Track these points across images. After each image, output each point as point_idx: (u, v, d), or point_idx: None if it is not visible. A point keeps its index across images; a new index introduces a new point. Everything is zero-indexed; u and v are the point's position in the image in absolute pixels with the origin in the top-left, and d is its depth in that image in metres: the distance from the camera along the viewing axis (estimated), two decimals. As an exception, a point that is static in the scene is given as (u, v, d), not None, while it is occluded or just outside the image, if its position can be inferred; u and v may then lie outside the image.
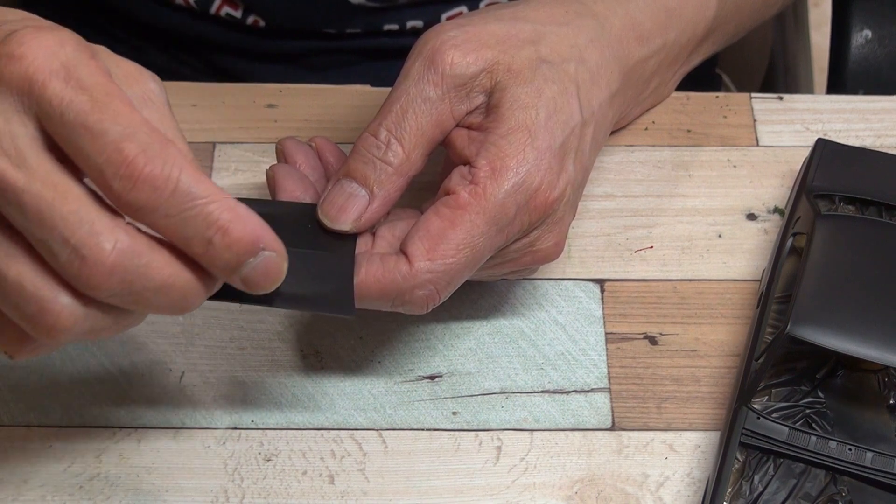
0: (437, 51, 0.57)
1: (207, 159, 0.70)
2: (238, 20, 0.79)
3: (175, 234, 0.47)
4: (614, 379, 0.63)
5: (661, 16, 0.66)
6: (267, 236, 0.48)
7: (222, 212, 0.47)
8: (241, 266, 0.48)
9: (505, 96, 0.57)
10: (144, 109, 0.50)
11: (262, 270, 0.49)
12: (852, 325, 0.58)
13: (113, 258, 0.46)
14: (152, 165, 0.46)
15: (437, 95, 0.57)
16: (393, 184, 0.57)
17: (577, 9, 0.62)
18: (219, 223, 0.47)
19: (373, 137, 0.57)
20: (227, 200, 0.47)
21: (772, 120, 0.73)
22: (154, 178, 0.46)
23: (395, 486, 0.59)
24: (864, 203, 0.64)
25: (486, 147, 0.56)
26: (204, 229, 0.47)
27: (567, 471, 0.60)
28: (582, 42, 0.61)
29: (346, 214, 0.56)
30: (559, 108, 0.58)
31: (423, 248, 0.55)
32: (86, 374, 0.62)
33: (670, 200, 0.69)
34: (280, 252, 0.49)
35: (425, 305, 0.56)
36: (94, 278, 0.46)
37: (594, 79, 0.60)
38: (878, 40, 0.83)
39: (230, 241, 0.47)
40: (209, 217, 0.47)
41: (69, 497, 0.58)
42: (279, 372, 0.63)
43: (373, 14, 0.78)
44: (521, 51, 0.58)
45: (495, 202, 0.55)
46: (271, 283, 0.50)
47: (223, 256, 0.48)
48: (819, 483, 0.57)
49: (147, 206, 0.46)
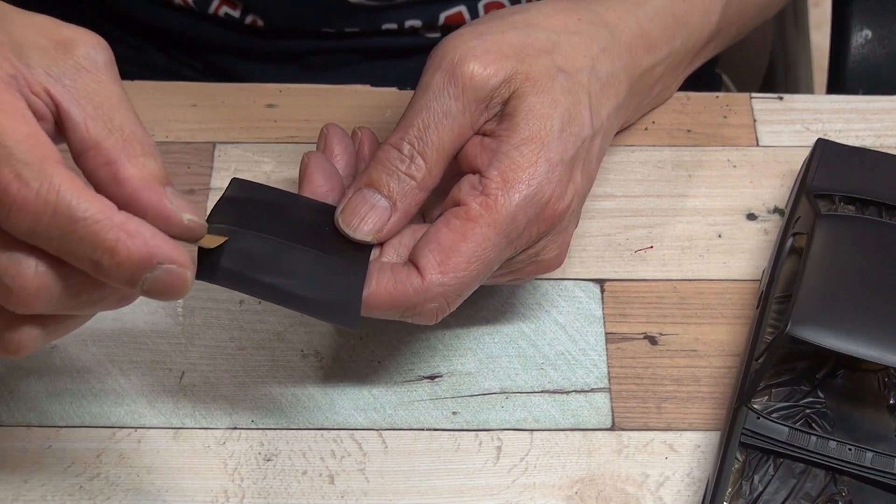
0: (457, 64, 0.56)
1: (207, 159, 0.70)
2: (237, 20, 0.79)
3: (64, 254, 0.46)
4: (614, 379, 0.63)
5: (669, 24, 0.66)
6: (162, 249, 0.47)
7: (107, 232, 0.46)
8: (138, 281, 0.47)
9: (521, 105, 0.57)
10: (77, 80, 0.49)
11: (164, 283, 0.48)
12: (852, 325, 0.58)
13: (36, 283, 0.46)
14: (27, 189, 0.45)
15: (458, 109, 0.56)
16: (415, 197, 0.56)
17: (589, 17, 0.62)
18: (105, 244, 0.46)
19: (395, 150, 0.56)
20: (113, 218, 0.46)
21: (772, 120, 0.73)
22: (29, 203, 0.45)
23: (395, 486, 0.59)
24: (864, 203, 0.64)
25: (499, 157, 0.56)
26: (90, 251, 0.46)
27: (567, 471, 0.60)
28: (594, 52, 0.60)
29: (368, 225, 0.56)
30: (573, 120, 0.57)
31: (434, 260, 0.55)
32: (86, 374, 0.62)
33: (670, 200, 0.69)
34: (181, 262, 0.48)
35: (434, 317, 0.56)
36: (22, 303, 0.46)
37: (604, 89, 0.60)
38: (878, 40, 0.83)
39: (119, 261, 0.46)
40: (94, 239, 0.46)
41: (69, 497, 0.58)
42: (279, 372, 0.63)
43: (371, 13, 0.78)
44: (538, 60, 0.58)
45: (506, 215, 0.55)
46: (176, 294, 0.48)
47: (115, 274, 0.47)
48: (819, 483, 0.57)
49: (29, 231, 0.45)
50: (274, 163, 0.70)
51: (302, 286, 0.54)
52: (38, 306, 0.47)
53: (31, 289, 0.46)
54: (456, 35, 0.58)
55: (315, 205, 0.58)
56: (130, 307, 0.63)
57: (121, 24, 0.84)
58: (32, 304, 0.47)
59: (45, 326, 0.49)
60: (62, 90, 0.49)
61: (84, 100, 0.49)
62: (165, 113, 0.72)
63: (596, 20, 0.62)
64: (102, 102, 0.49)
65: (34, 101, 0.49)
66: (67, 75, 0.49)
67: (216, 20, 0.80)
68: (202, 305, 0.64)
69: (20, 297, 0.46)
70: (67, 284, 0.47)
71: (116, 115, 0.49)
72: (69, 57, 0.49)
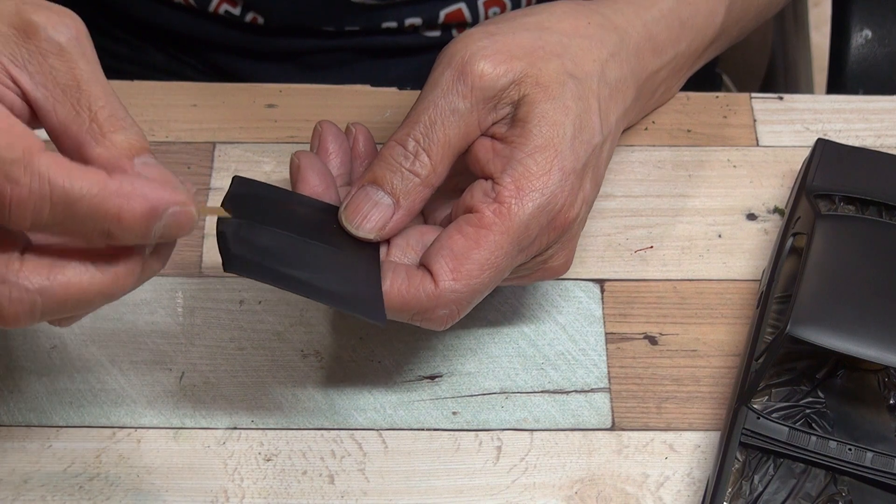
0: (466, 62, 0.56)
1: (207, 159, 0.70)
2: (237, 18, 0.79)
3: (74, 235, 0.47)
4: (614, 379, 0.63)
5: (675, 27, 0.66)
6: (163, 198, 0.47)
7: (107, 202, 0.46)
8: (150, 234, 0.47)
9: (533, 111, 0.56)
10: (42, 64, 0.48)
11: (173, 226, 0.48)
12: (852, 325, 0.58)
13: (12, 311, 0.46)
14: (17, 188, 0.44)
15: (465, 107, 0.56)
16: (419, 195, 0.56)
17: (599, 21, 0.62)
18: (109, 214, 0.46)
19: (400, 147, 0.56)
20: (108, 186, 0.46)
21: (772, 120, 0.73)
22: (23, 201, 0.45)
23: (395, 486, 0.59)
24: (864, 203, 0.64)
25: (512, 164, 0.56)
26: (97, 224, 0.46)
27: (567, 471, 0.60)
28: (604, 56, 0.60)
29: (371, 222, 0.56)
30: (584, 127, 0.57)
31: (447, 267, 0.55)
32: (86, 373, 0.62)
33: (670, 200, 0.69)
34: (181, 201, 0.47)
35: (443, 324, 0.56)
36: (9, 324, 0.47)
37: (613, 94, 0.60)
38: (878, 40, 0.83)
39: (128, 225, 0.46)
40: (97, 212, 0.46)
41: (69, 497, 0.58)
42: (279, 372, 0.63)
43: (371, 11, 0.78)
44: (548, 64, 0.58)
45: (520, 223, 0.55)
46: (185, 230, 0.48)
47: (128, 238, 0.47)
48: (819, 483, 0.57)
49: (33, 224, 0.45)
50: (274, 163, 0.70)
51: (327, 280, 0.54)
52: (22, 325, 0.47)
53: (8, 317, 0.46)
54: (467, 34, 0.58)
55: (317, 203, 0.58)
56: (131, 307, 0.64)
57: (121, 23, 0.84)
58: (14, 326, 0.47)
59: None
60: (27, 77, 0.48)
61: (51, 84, 0.48)
62: (165, 113, 0.72)
63: (606, 24, 0.62)
64: (68, 84, 0.48)
65: (3, 92, 0.49)
66: (31, 61, 0.48)
67: (216, 18, 0.80)
68: (202, 305, 0.64)
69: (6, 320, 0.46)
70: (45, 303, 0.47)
71: (83, 95, 0.48)
72: (31, 42, 0.49)
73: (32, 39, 0.49)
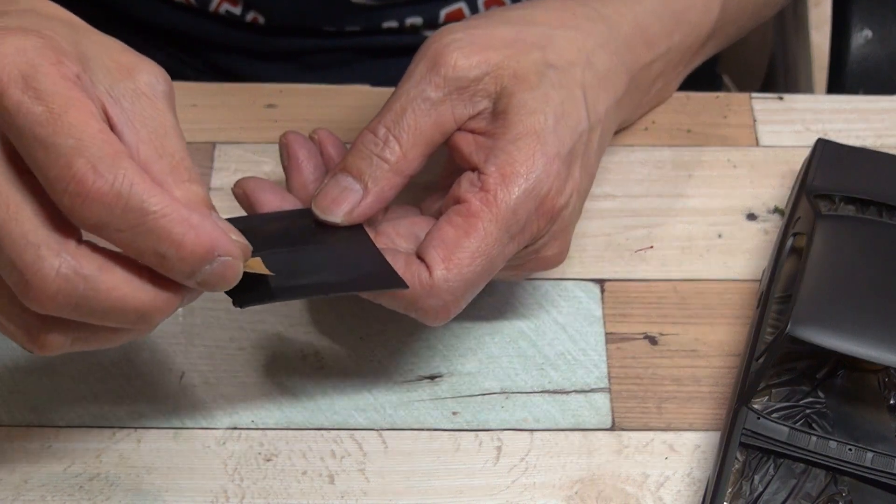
0: (440, 53, 0.57)
1: (207, 159, 0.70)
2: (237, 17, 0.79)
3: (129, 247, 0.47)
4: (614, 379, 0.63)
5: (668, 20, 0.66)
6: (222, 242, 0.48)
7: (175, 225, 0.47)
8: (197, 273, 0.48)
9: (512, 102, 0.57)
10: (136, 104, 0.49)
11: (218, 274, 0.49)
12: (852, 325, 0.58)
13: (55, 285, 0.46)
14: (101, 181, 0.45)
15: (437, 96, 0.57)
16: (388, 181, 0.57)
17: (586, 12, 0.62)
18: (172, 237, 0.47)
19: (371, 134, 0.57)
20: (180, 212, 0.47)
21: (772, 120, 0.73)
22: (103, 195, 0.45)
23: (395, 486, 0.59)
24: (864, 203, 0.64)
25: (495, 153, 0.56)
26: (157, 243, 0.47)
27: (567, 471, 0.60)
28: (590, 46, 0.60)
29: (339, 207, 0.56)
30: (567, 113, 0.58)
31: (438, 256, 0.55)
32: (86, 374, 0.62)
33: (670, 200, 0.69)
34: (235, 254, 0.49)
35: (436, 316, 0.56)
36: (38, 302, 0.47)
37: (601, 83, 0.60)
38: (878, 40, 0.83)
39: (184, 254, 0.47)
40: (161, 231, 0.47)
41: (69, 497, 0.58)
42: (279, 372, 0.63)
43: (372, 11, 0.78)
44: (527, 55, 0.58)
45: (507, 209, 0.55)
46: (226, 284, 0.49)
47: (178, 267, 0.47)
48: (819, 483, 0.57)
49: (98, 222, 0.46)
50: (274, 163, 0.70)
51: (334, 274, 0.54)
52: (54, 308, 0.47)
53: (49, 290, 0.46)
54: (445, 28, 0.59)
55: (289, 213, 0.58)
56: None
57: (121, 22, 0.84)
58: (49, 306, 0.47)
59: (67, 332, 0.49)
60: (119, 112, 0.49)
61: (139, 124, 0.49)
62: (165, 112, 0.72)
63: (593, 15, 0.62)
64: (156, 129, 0.49)
65: None
66: (127, 98, 0.49)
67: (217, 18, 0.80)
68: (202, 305, 0.64)
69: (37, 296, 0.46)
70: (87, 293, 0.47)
71: (168, 143, 0.50)
72: (131, 81, 0.50)
73: (133, 80, 0.50)
